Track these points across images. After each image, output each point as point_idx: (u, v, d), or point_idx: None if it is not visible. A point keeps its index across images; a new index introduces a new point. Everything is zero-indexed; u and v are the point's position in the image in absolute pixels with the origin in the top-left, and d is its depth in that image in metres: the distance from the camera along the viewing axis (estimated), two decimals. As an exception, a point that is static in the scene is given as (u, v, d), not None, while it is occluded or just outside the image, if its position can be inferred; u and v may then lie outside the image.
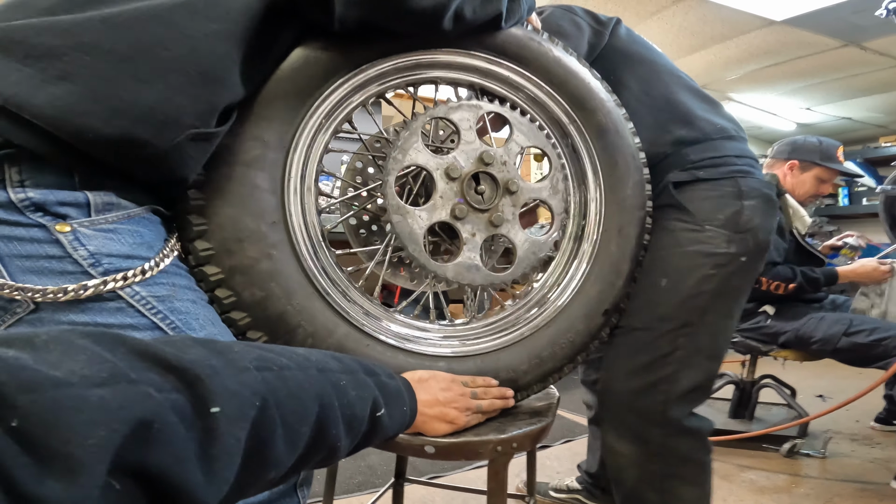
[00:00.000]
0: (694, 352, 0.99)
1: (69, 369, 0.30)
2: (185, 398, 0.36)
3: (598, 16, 1.11)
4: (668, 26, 3.04)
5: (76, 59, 0.52)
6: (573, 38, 1.03)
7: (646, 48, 1.13)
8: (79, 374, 0.30)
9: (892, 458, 1.93)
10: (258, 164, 0.70)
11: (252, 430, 0.40)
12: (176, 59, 0.57)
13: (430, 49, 0.81)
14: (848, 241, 2.04)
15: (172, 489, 0.33)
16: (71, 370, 0.30)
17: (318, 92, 0.74)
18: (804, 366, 2.29)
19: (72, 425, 0.27)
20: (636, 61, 1.09)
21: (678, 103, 1.07)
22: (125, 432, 0.30)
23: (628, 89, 1.06)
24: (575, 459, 1.79)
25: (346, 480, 1.78)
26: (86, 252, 0.54)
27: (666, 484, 1.02)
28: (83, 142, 0.52)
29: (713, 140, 1.05)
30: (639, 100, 1.05)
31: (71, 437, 0.27)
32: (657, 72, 1.09)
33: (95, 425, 0.28)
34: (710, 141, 1.04)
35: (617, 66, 1.07)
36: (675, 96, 1.07)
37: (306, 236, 0.74)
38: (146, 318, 0.57)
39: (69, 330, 0.35)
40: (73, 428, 0.27)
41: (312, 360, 0.52)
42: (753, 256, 1.01)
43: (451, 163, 0.80)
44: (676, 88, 1.08)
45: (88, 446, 0.28)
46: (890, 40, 3.02)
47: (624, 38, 1.12)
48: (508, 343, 0.86)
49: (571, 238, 0.94)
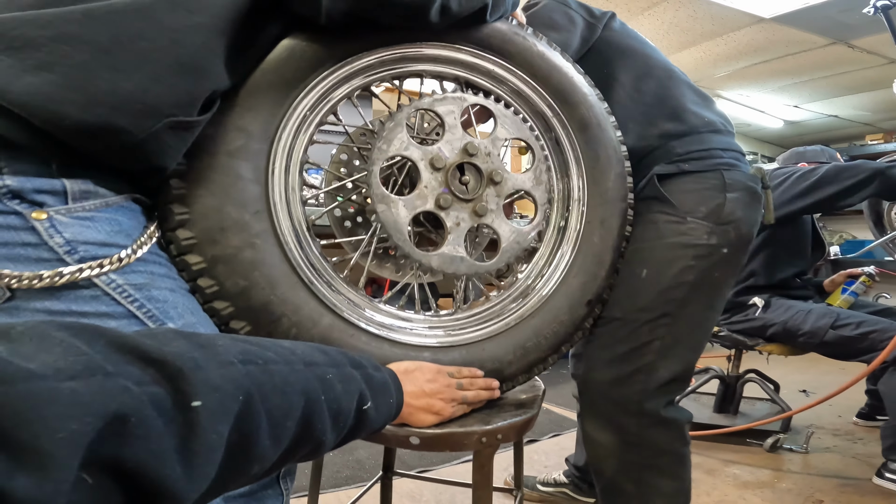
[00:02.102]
0: (673, 342, 1.00)
1: (43, 361, 0.29)
2: (166, 392, 0.35)
3: (592, 9, 1.11)
4: (658, 23, 3.05)
5: (55, 50, 0.52)
6: (565, 31, 1.03)
7: (640, 42, 1.14)
8: (53, 367, 0.29)
9: (874, 454, 1.95)
10: (242, 153, 0.69)
11: (235, 425, 0.39)
12: (155, 49, 0.57)
13: (415, 42, 0.82)
14: (866, 269, 2.21)
15: (150, 484, 0.32)
16: (45, 362, 0.29)
17: (304, 84, 0.74)
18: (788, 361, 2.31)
19: (43, 419, 0.27)
20: (629, 55, 1.09)
21: (669, 98, 1.07)
22: (99, 426, 0.29)
23: (620, 83, 1.06)
24: (563, 454, 1.80)
25: (334, 474, 1.77)
26: (61, 239, 0.54)
27: (643, 475, 1.03)
28: (60, 129, 0.52)
29: (700, 133, 1.05)
30: (629, 95, 1.05)
31: (42, 430, 0.26)
32: (650, 66, 1.09)
33: (67, 419, 0.28)
34: (697, 134, 1.05)
35: (610, 60, 1.07)
36: (667, 91, 1.07)
37: (290, 226, 0.74)
38: (122, 306, 0.56)
39: (46, 322, 0.34)
40: (44, 421, 0.27)
41: (298, 354, 0.51)
42: (736, 248, 1.01)
43: (435, 153, 0.81)
44: (669, 83, 1.08)
45: (59, 440, 0.27)
46: (877, 38, 3.06)
47: (618, 32, 1.12)
48: (493, 333, 0.86)
49: (555, 229, 0.95)
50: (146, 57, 0.56)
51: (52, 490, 0.26)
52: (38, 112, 0.51)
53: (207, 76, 0.62)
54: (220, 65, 0.63)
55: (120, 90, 0.54)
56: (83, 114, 0.52)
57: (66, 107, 0.52)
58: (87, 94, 0.53)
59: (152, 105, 0.57)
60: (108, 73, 0.54)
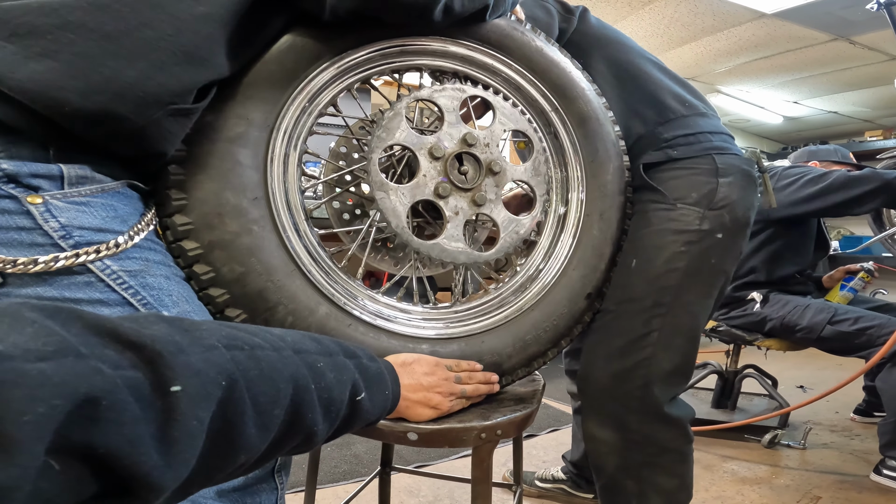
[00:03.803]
0: (670, 333, 0.98)
1: (13, 342, 0.28)
2: (144, 376, 0.34)
3: (566, 3, 1.12)
4: (659, 17, 3.03)
5: (60, 38, 0.53)
6: (545, 24, 1.03)
7: (614, 32, 1.14)
8: (22, 348, 0.28)
9: (872, 450, 1.95)
10: (241, 140, 0.70)
11: (218, 411, 0.38)
12: (160, 38, 0.57)
13: (416, 37, 0.82)
14: (864, 266, 2.20)
15: (125, 471, 0.31)
16: (14, 343, 0.28)
17: (304, 74, 0.75)
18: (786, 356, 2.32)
19: (7, 401, 0.25)
20: (604, 43, 1.09)
21: (647, 82, 1.06)
22: (67, 409, 0.28)
23: (598, 72, 1.05)
24: (560, 449, 1.80)
25: (332, 469, 1.77)
26: (56, 224, 0.53)
27: (644, 472, 1.02)
28: (60, 116, 0.53)
29: (685, 117, 1.04)
30: (609, 83, 1.04)
31: (5, 413, 0.25)
32: (625, 52, 1.09)
33: (33, 401, 0.26)
34: (681, 118, 1.03)
35: (586, 49, 1.07)
36: (645, 75, 1.06)
37: (288, 214, 0.73)
38: (116, 293, 0.56)
39: (20, 303, 0.33)
40: (8, 403, 0.25)
41: (288, 341, 0.50)
42: (731, 233, 0.99)
43: (434, 143, 0.80)
44: (645, 66, 1.08)
45: (24, 423, 0.26)
46: (879, 35, 3.05)
47: (593, 24, 1.12)
48: (492, 326, 0.85)
49: (554, 222, 0.94)
50: (150, 45, 0.57)
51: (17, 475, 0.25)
52: (39, 99, 0.52)
53: (209, 66, 0.62)
54: (222, 55, 0.64)
55: (122, 78, 0.55)
56: (84, 101, 0.53)
57: (67, 94, 0.52)
58: (89, 82, 0.53)
59: (154, 93, 0.57)
60: (111, 60, 0.55)
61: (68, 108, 0.52)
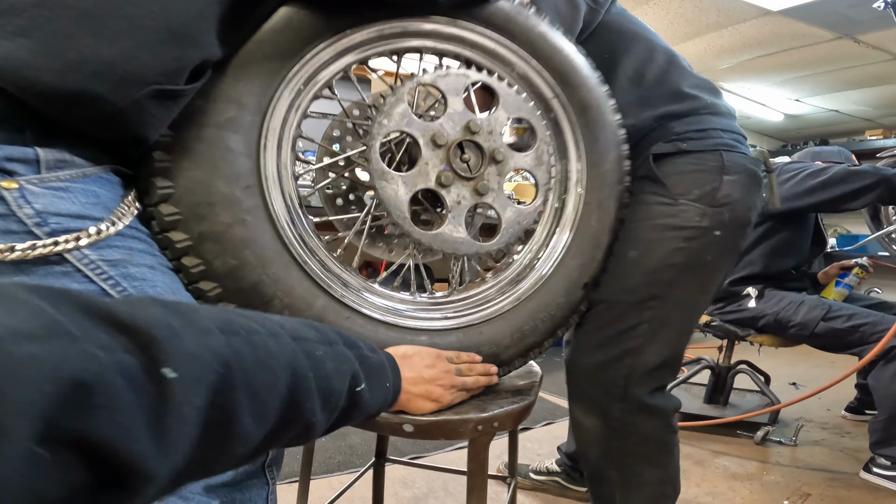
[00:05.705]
0: (660, 326, 0.98)
1: (3, 323, 0.27)
2: (137, 360, 0.32)
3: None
4: (663, 12, 3.01)
5: (37, 15, 0.50)
6: (568, 18, 1.01)
7: (641, 27, 1.12)
8: (12, 329, 0.27)
9: (862, 448, 1.97)
10: (232, 126, 0.66)
11: (213, 398, 0.37)
12: (144, 15, 0.54)
13: (416, 17, 0.79)
14: (859, 261, 2.21)
15: (118, 460, 0.29)
16: (5, 324, 0.27)
17: (300, 55, 0.71)
18: (779, 353, 2.32)
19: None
20: (632, 40, 1.07)
21: (670, 82, 1.05)
22: (56, 394, 0.26)
23: (622, 68, 1.04)
24: (555, 442, 1.80)
25: (326, 460, 1.76)
26: (31, 210, 0.51)
27: (627, 461, 1.02)
28: (33, 96, 0.50)
29: (700, 115, 1.03)
30: (630, 79, 1.03)
31: None
32: (652, 51, 1.07)
33: (20, 385, 0.25)
34: (696, 115, 1.03)
35: (613, 45, 1.05)
36: (668, 76, 1.06)
37: (283, 202, 0.71)
38: (95, 283, 0.53)
39: (14, 283, 0.31)
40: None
41: (287, 328, 0.48)
42: (730, 231, 0.99)
43: (437, 130, 0.78)
44: (670, 68, 1.07)
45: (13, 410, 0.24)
46: (884, 34, 3.03)
47: (619, 16, 1.10)
48: (490, 316, 0.84)
49: (553, 211, 0.93)
50: (133, 23, 0.54)
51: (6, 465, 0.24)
52: (9, 78, 0.49)
53: (197, 45, 0.59)
54: (212, 34, 0.60)
55: (101, 56, 0.52)
56: (59, 80, 0.50)
57: (40, 73, 0.50)
58: (64, 60, 0.50)
59: (135, 73, 0.54)
60: (90, 38, 0.52)
61: (41, 88, 0.50)
